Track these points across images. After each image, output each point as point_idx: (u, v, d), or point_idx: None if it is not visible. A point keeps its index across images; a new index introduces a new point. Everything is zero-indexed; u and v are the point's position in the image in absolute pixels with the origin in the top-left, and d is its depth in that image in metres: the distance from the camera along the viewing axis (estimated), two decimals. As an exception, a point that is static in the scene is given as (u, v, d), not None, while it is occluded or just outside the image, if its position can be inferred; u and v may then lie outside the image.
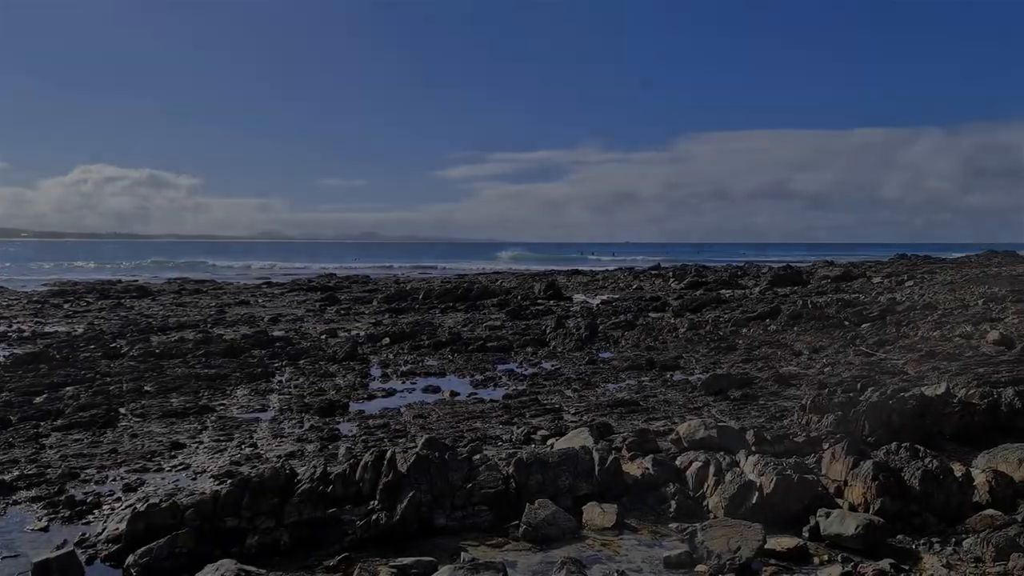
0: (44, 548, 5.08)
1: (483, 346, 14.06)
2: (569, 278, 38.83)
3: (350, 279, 37.47)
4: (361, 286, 32.42)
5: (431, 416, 8.89)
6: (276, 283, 35.04)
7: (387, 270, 53.50)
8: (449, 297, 24.29)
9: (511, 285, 31.48)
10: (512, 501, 5.63)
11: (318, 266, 58.77)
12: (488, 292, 26.09)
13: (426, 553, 4.91)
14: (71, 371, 11.40)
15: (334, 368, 12.13)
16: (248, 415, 9.03)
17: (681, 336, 15.11)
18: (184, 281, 35.94)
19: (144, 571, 4.76)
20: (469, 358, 13.18)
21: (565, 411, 9.09)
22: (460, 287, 26.89)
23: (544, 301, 24.51)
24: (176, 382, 10.65)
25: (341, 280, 36.44)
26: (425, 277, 41.74)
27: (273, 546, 5.09)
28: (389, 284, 33.78)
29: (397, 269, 55.15)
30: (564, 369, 12.04)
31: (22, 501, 6.02)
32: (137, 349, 13.32)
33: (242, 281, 37.47)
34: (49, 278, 40.54)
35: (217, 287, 32.07)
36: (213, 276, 42.75)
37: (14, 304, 23.75)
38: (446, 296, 24.43)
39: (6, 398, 9.50)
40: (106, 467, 6.90)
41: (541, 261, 77.99)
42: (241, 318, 19.84)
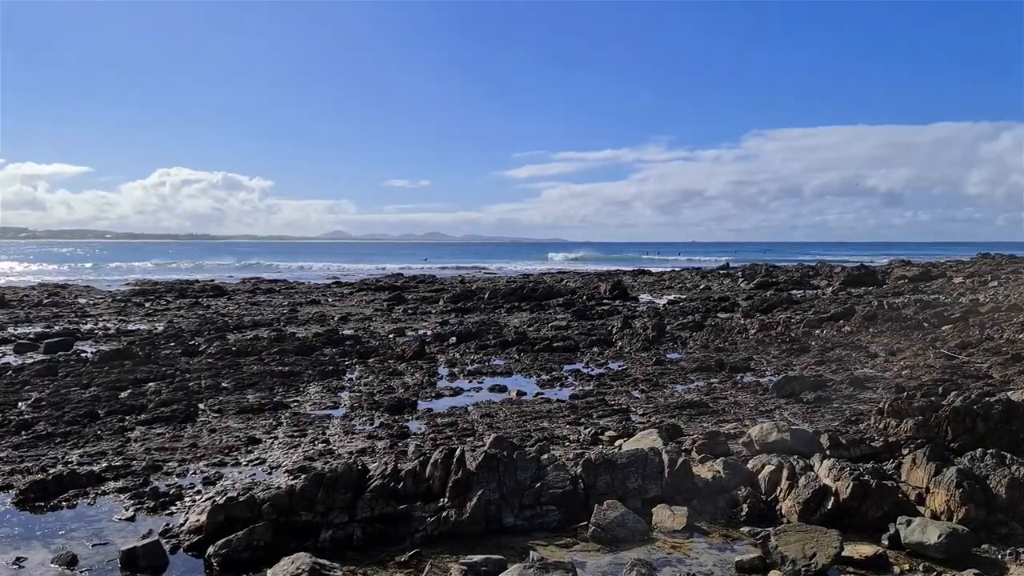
0: (131, 537, 5.30)
1: (549, 346, 14.06)
2: (635, 278, 38.52)
3: (416, 279, 37.94)
4: (427, 286, 32.79)
5: (498, 415, 8.94)
6: (345, 283, 35.73)
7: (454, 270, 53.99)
8: (514, 297, 24.37)
9: (576, 285, 31.39)
10: (580, 502, 5.62)
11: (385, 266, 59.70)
12: (553, 292, 26.08)
13: (495, 551, 4.93)
14: (153, 367, 11.86)
15: (402, 367, 12.31)
16: (320, 412, 9.23)
17: (751, 337, 14.82)
18: (258, 281, 36.98)
19: (224, 562, 4.91)
20: (535, 358, 13.19)
21: (633, 412, 9.03)
22: (525, 287, 26.96)
23: (610, 301, 24.37)
24: (252, 379, 10.97)
25: (408, 280, 36.93)
26: (490, 277, 41.97)
27: (346, 541, 5.19)
28: (455, 284, 34.08)
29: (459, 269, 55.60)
30: (631, 370, 11.95)
31: (110, 492, 6.28)
32: (214, 347, 13.77)
33: (312, 281, 38.34)
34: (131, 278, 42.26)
35: (289, 287, 32.88)
36: (285, 276, 43.87)
37: (99, 303, 24.83)
38: (511, 296, 24.52)
39: (94, 392, 9.95)
40: (187, 461, 7.15)
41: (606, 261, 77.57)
42: (312, 317, 20.30)
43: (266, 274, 47.08)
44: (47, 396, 9.72)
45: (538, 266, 62.00)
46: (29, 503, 6.00)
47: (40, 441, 7.72)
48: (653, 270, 46.38)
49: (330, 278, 42.24)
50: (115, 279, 41.52)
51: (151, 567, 4.86)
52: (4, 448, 7.47)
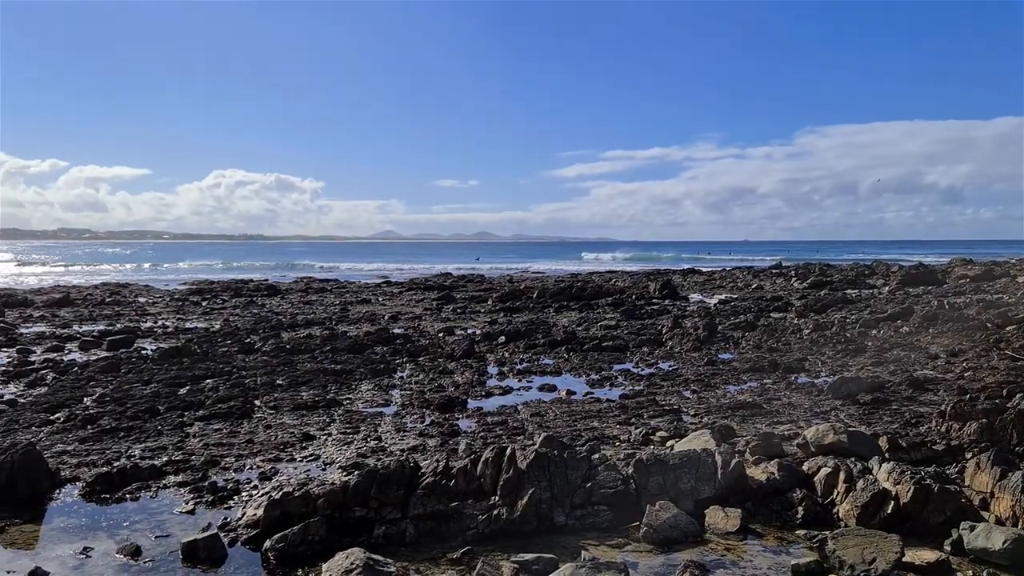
0: (191, 530, 5.44)
1: (598, 345, 14.01)
2: (685, 277, 38.12)
3: (465, 278, 38.14)
4: (476, 285, 32.94)
5: (548, 414, 8.94)
6: (394, 282, 36.11)
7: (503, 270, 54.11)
8: (563, 296, 24.33)
9: (625, 284, 31.19)
10: (632, 502, 5.59)
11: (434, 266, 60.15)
12: (602, 291, 25.96)
13: (546, 550, 4.94)
14: (210, 365, 12.15)
15: (452, 365, 12.39)
16: (372, 409, 9.35)
17: (805, 337, 14.55)
18: (310, 280, 37.60)
19: (280, 556, 5.01)
20: (584, 357, 13.16)
21: (684, 412, 8.94)
22: (573, 286, 26.89)
23: (659, 300, 24.16)
24: (305, 376, 11.16)
25: (456, 279, 37.15)
26: (538, 276, 41.97)
27: (399, 537, 5.25)
28: (503, 283, 34.16)
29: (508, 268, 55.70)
30: (682, 370, 11.83)
31: (171, 485, 6.46)
32: (269, 344, 14.05)
33: (363, 280, 38.83)
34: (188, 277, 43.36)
35: (340, 286, 33.36)
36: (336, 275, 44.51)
37: (158, 302, 25.53)
38: (560, 295, 24.48)
39: (155, 389, 10.23)
40: (243, 456, 7.30)
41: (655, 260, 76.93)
42: (363, 316, 20.57)
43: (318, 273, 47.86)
44: (110, 392, 10.04)
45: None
46: (95, 495, 6.20)
47: (105, 435, 7.98)
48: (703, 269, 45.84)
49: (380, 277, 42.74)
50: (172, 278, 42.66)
51: (210, 560, 4.98)
52: (71, 441, 7.74)
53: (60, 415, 8.85)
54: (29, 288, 31.81)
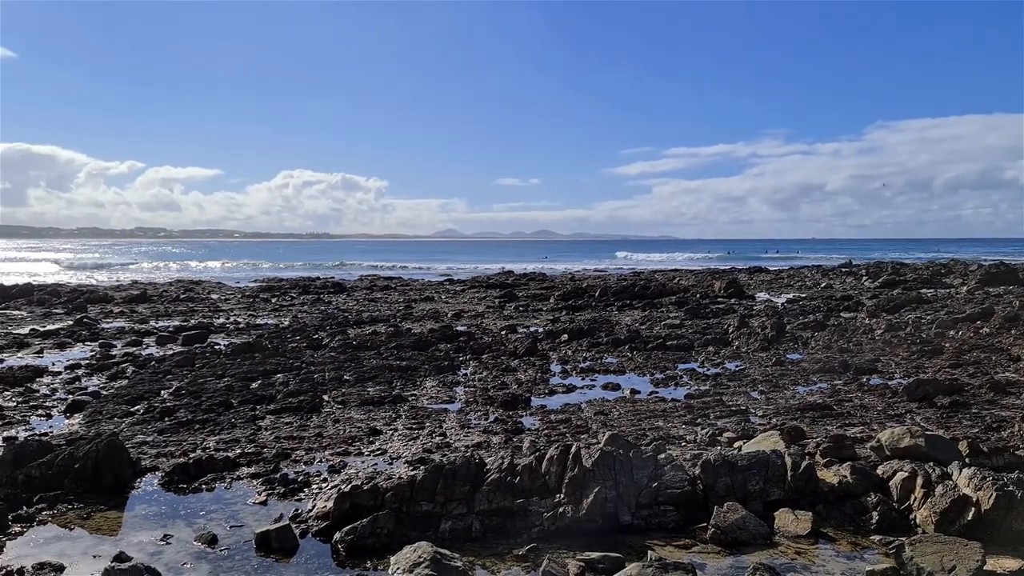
0: (264, 521, 5.60)
1: (662, 344, 13.86)
2: (751, 276, 37.42)
3: (527, 276, 38.20)
4: (538, 283, 32.95)
5: (612, 413, 8.89)
6: (457, 280, 36.39)
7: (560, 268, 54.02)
8: (626, 295, 24.15)
9: (689, 283, 30.79)
10: (699, 503, 5.52)
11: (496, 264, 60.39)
12: (666, 290, 25.69)
13: (612, 549, 4.92)
14: (281, 360, 12.46)
15: (515, 363, 12.43)
16: (437, 406, 9.45)
17: (877, 338, 14.12)
18: (375, 278, 38.21)
19: (349, 548, 5.11)
20: (648, 356, 13.04)
21: (752, 413, 8.78)
22: (636, 284, 26.67)
23: (725, 299, 23.77)
24: (372, 372, 11.34)
25: (519, 277, 37.23)
26: (600, 274, 41.76)
27: (465, 532, 5.30)
28: (565, 281, 34.10)
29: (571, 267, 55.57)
30: (749, 370, 11.62)
31: (244, 477, 6.65)
32: (336, 341, 14.33)
33: (426, 278, 39.26)
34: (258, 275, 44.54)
35: (404, 284, 33.80)
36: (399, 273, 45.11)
37: (230, 299, 26.30)
38: (622, 293, 24.31)
39: (228, 383, 10.55)
40: (313, 449, 7.47)
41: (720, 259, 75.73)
42: (427, 313, 20.80)
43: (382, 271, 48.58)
44: (186, 385, 10.39)
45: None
46: (173, 485, 6.43)
47: (181, 427, 8.26)
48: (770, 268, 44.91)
49: (442, 275, 43.13)
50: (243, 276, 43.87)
51: (283, 550, 5.11)
52: (150, 432, 8.04)
53: (140, 407, 9.20)
54: (109, 285, 33.15)
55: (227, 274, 47.60)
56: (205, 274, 46.64)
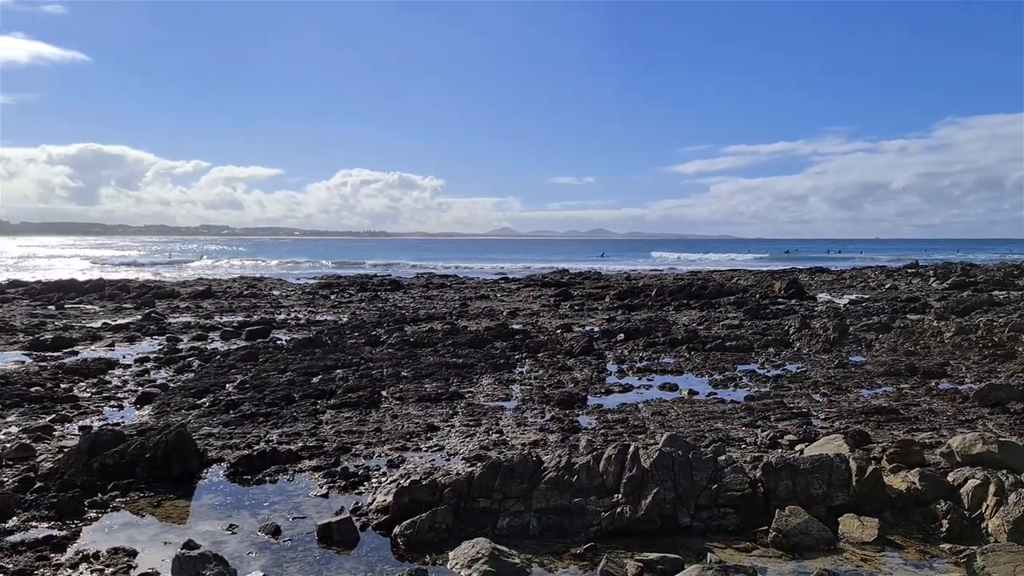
0: (325, 513, 5.70)
1: (721, 345, 13.67)
2: (812, 276, 36.62)
3: (582, 275, 38.07)
4: (593, 282, 32.81)
5: (670, 414, 8.80)
6: (512, 279, 36.47)
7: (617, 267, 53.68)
8: (682, 294, 23.88)
9: (748, 283, 30.28)
10: (760, 506, 5.44)
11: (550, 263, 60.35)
12: (724, 290, 25.32)
13: (670, 550, 4.88)
14: (340, 355, 12.67)
15: (571, 362, 12.41)
16: (493, 403, 9.49)
17: (946, 341, 13.68)
18: (430, 276, 38.57)
19: (408, 542, 5.17)
20: (707, 357, 12.87)
21: (814, 416, 8.59)
22: (694, 284, 26.35)
23: (785, 300, 23.31)
24: (429, 369, 11.46)
25: (573, 276, 37.12)
26: (656, 274, 41.38)
27: (522, 529, 5.32)
28: (621, 280, 33.88)
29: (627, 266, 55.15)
30: (811, 372, 11.37)
31: (306, 469, 6.79)
32: (394, 337, 14.51)
33: (481, 276, 39.44)
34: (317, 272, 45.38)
35: (459, 282, 34.02)
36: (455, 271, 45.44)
37: (291, 295, 26.87)
38: (679, 293, 24.04)
39: (290, 377, 10.78)
40: (372, 444, 7.58)
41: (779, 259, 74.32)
42: (482, 311, 20.90)
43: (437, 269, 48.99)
44: (250, 379, 10.64)
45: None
46: (238, 476, 6.60)
47: (245, 420, 8.48)
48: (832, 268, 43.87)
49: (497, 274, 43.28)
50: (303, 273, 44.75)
51: (344, 542, 5.20)
52: (216, 425, 8.27)
53: (206, 400, 9.47)
54: (176, 281, 34.17)
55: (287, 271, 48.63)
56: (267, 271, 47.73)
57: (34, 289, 26.84)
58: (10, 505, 5.60)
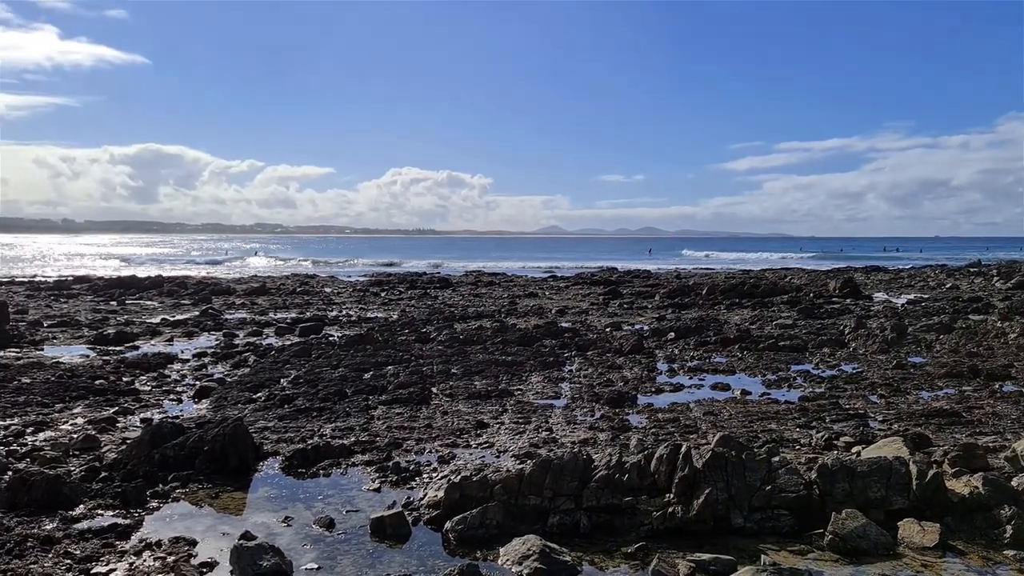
0: (378, 507, 5.78)
1: (774, 345, 13.45)
2: (868, 275, 35.79)
3: (631, 273, 37.84)
4: (642, 280, 32.58)
5: (722, 414, 8.70)
6: (560, 277, 36.42)
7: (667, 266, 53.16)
8: (734, 293, 23.55)
9: (801, 282, 29.73)
10: (815, 508, 5.34)
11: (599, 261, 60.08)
12: (776, 289, 24.90)
13: (723, 551, 4.82)
14: (391, 352, 12.82)
15: (621, 360, 12.34)
16: (543, 401, 9.50)
17: (1011, 342, 13.23)
18: (479, 274, 38.72)
19: (459, 538, 5.20)
20: (759, 356, 12.68)
21: (871, 418, 8.40)
22: (746, 283, 25.97)
23: (840, 299, 22.82)
24: (478, 366, 11.52)
25: (622, 274, 36.91)
26: (707, 272, 40.89)
27: (573, 528, 5.31)
28: (671, 279, 33.58)
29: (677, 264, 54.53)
30: (867, 373, 11.11)
31: (358, 464, 6.88)
32: (444, 335, 14.62)
33: (529, 275, 39.46)
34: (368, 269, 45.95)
35: (508, 280, 34.10)
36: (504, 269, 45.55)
37: (342, 292, 27.26)
38: (731, 292, 23.72)
39: (342, 373, 10.94)
40: (423, 440, 7.65)
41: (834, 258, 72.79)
42: (531, 309, 20.92)
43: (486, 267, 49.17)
44: (303, 375, 10.84)
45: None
46: (292, 469, 6.72)
47: (299, 414, 8.63)
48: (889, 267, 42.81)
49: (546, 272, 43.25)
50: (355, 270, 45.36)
51: (396, 536, 5.26)
52: (271, 419, 8.44)
53: (261, 394, 9.67)
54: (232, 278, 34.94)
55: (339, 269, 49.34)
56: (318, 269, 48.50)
57: (97, 285, 27.75)
58: (77, 493, 5.81)
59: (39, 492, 5.64)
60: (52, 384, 10.08)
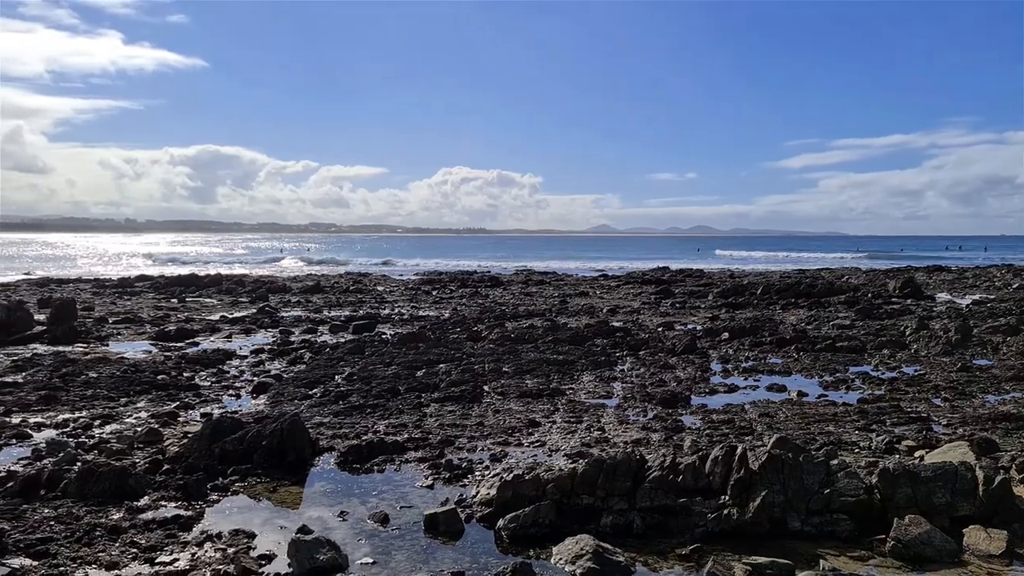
0: (431, 503, 5.83)
1: (831, 346, 13.16)
2: (929, 275, 34.78)
3: (683, 272, 37.42)
4: (695, 280, 32.20)
5: (777, 415, 8.55)
6: (611, 276, 36.21)
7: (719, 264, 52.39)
8: (790, 293, 23.11)
9: (859, 282, 29.04)
10: (876, 513, 5.21)
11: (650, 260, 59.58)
12: (833, 289, 24.36)
13: (779, 555, 4.73)
14: (443, 350, 12.91)
15: (674, 360, 12.22)
16: (594, 400, 9.46)
17: (1083, 344, 12.71)
18: (529, 273, 38.75)
19: (512, 536, 5.21)
20: (816, 358, 12.41)
21: (934, 421, 8.16)
22: (802, 283, 25.46)
23: (900, 300, 22.22)
24: (529, 365, 11.53)
25: (674, 274, 36.53)
26: (761, 272, 40.22)
27: (626, 528, 5.28)
28: (724, 278, 33.12)
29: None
30: (930, 375, 10.80)
31: (412, 460, 6.95)
32: (495, 333, 14.66)
33: (580, 274, 39.33)
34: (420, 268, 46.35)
35: (558, 279, 34.05)
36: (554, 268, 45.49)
37: (394, 291, 27.55)
38: (786, 292, 23.28)
39: (395, 371, 11.07)
40: (475, 438, 7.69)
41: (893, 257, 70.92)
42: (582, 308, 20.84)
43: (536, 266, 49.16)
44: (357, 372, 10.99)
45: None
46: (347, 464, 6.82)
47: (354, 411, 8.76)
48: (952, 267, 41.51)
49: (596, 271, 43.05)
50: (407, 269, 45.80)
51: (449, 533, 5.30)
52: (326, 415, 8.58)
53: (316, 391, 9.83)
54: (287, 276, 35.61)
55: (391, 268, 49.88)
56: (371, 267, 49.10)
57: (159, 283, 28.57)
58: (142, 485, 5.98)
59: (106, 483, 5.83)
60: (117, 379, 10.41)
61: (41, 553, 4.80)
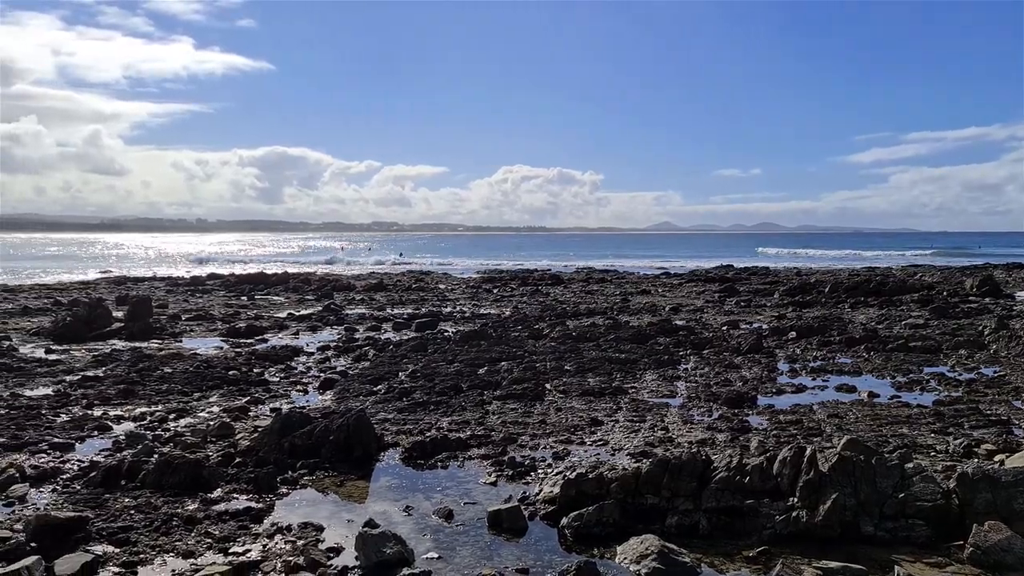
0: (494, 500, 5.85)
1: (904, 345, 12.74)
2: (1009, 272, 33.39)
3: (748, 270, 36.75)
4: (760, 278, 31.58)
5: (847, 416, 8.32)
6: (674, 274, 35.79)
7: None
8: (859, 291, 22.46)
9: (933, 280, 28.07)
10: (954, 519, 5.03)
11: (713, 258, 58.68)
12: (906, 287, 23.59)
13: (851, 560, 4.62)
14: (504, 348, 12.96)
15: (739, 360, 12.01)
16: (658, 399, 9.37)
17: None
18: (590, 270, 38.59)
19: (575, 534, 5.21)
20: (888, 358, 12.04)
21: (1015, 425, 7.83)
22: (872, 280, 24.72)
23: (977, 298, 21.39)
24: (591, 364, 11.48)
25: (739, 271, 35.90)
26: (829, 270, 39.21)
27: (691, 528, 5.22)
28: (790, 276, 32.40)
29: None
30: (1011, 376, 10.36)
31: (475, 457, 7.00)
32: (556, 331, 14.64)
33: (641, 272, 38.98)
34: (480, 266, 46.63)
35: (619, 277, 33.82)
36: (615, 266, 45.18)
37: (455, 289, 27.77)
38: (856, 290, 22.64)
39: (457, 368, 11.16)
40: (537, 436, 7.70)
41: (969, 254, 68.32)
42: (643, 307, 20.66)
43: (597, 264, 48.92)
44: (420, 369, 11.12)
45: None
46: (411, 460, 6.91)
47: (417, 407, 8.86)
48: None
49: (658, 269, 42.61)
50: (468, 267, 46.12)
51: (512, 530, 5.32)
52: (391, 411, 8.70)
53: (381, 387, 9.98)
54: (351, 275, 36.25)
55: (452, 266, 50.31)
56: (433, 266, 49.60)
57: (229, 281, 29.41)
58: (215, 477, 6.18)
59: (182, 475, 6.04)
60: (190, 374, 10.76)
61: (122, 541, 5.00)
